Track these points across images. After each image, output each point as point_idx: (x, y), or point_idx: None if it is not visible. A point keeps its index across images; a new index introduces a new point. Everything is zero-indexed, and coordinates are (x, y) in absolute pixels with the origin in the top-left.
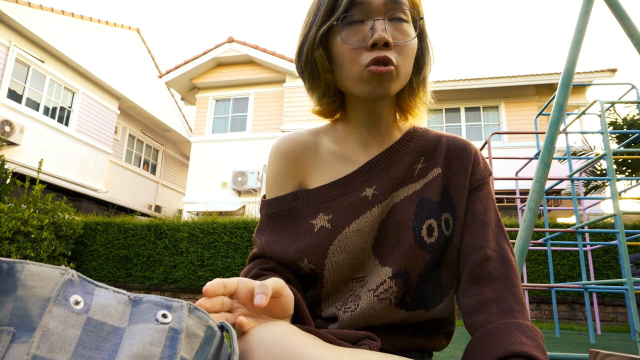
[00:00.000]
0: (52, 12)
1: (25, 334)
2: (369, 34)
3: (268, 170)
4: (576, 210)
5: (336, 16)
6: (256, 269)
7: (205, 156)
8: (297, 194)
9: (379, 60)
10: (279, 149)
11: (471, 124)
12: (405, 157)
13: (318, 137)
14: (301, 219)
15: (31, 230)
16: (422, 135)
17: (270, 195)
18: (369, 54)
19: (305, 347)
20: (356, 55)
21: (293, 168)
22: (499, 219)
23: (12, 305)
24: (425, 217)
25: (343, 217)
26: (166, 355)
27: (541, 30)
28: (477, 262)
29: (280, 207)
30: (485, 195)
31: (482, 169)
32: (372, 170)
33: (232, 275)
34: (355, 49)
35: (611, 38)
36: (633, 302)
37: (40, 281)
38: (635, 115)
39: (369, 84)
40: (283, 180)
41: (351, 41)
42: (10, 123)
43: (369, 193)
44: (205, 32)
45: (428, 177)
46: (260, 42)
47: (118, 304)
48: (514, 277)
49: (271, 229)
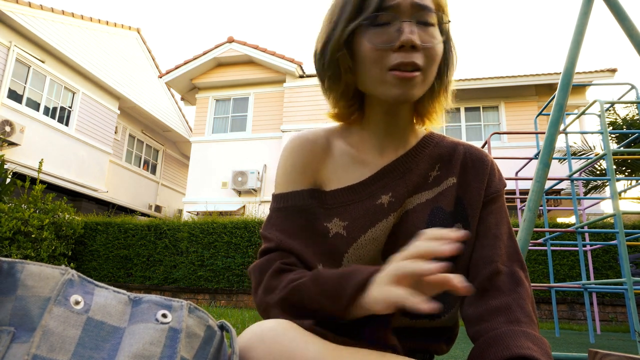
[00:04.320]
0: (52, 13)
1: (25, 334)
2: (396, 35)
3: (281, 165)
4: (576, 210)
5: (365, 16)
6: (278, 263)
7: (205, 156)
8: (313, 192)
9: (405, 65)
10: (295, 145)
11: (471, 124)
12: (421, 164)
13: (332, 138)
14: (315, 220)
15: (31, 230)
16: (439, 142)
17: (283, 190)
18: (395, 56)
19: (305, 344)
20: (381, 57)
21: (309, 165)
22: (511, 232)
23: (13, 305)
24: (437, 226)
25: (359, 225)
26: (166, 355)
27: (541, 30)
28: (487, 275)
29: (294, 202)
30: (499, 208)
31: (497, 182)
32: (388, 177)
33: (232, 275)
34: (381, 50)
35: (611, 38)
36: (633, 302)
37: (40, 281)
38: (635, 115)
39: (393, 87)
40: (297, 175)
41: (377, 42)
42: (10, 123)
43: (385, 200)
44: (205, 32)
45: (442, 185)
46: (260, 42)
47: (118, 303)
48: (523, 292)
49: (282, 222)
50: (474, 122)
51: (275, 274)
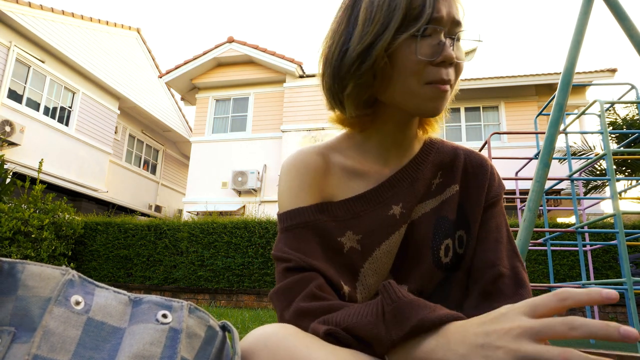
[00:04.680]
0: (52, 13)
1: (26, 334)
2: (438, 49)
3: (284, 184)
4: (576, 210)
5: (417, 26)
6: (311, 287)
7: (205, 156)
8: (322, 206)
9: (445, 81)
10: (296, 163)
11: (471, 124)
12: (426, 172)
13: (328, 154)
14: (328, 236)
15: (31, 230)
16: (440, 148)
17: (289, 208)
18: (434, 70)
19: (309, 349)
20: (420, 69)
21: (314, 180)
22: (510, 235)
23: (13, 305)
24: (444, 237)
25: (373, 238)
26: (166, 355)
27: (541, 30)
28: (490, 279)
29: (303, 218)
30: (499, 211)
31: (496, 186)
32: (398, 186)
33: (232, 275)
34: (421, 63)
35: (611, 38)
36: (633, 302)
37: (41, 281)
38: (635, 115)
39: (428, 101)
40: (303, 192)
41: (421, 54)
42: (10, 123)
43: (397, 211)
44: (205, 32)
45: (445, 193)
46: (260, 42)
47: (118, 304)
48: (525, 294)
49: (295, 241)
50: (474, 122)
51: (307, 298)
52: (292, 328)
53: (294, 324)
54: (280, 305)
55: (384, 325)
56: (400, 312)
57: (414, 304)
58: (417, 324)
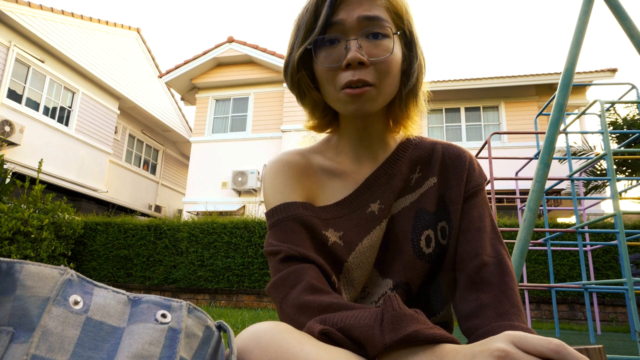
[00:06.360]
0: (52, 12)
1: (24, 334)
2: (344, 53)
3: (269, 184)
4: (576, 210)
5: (310, 39)
6: (308, 279)
7: (205, 156)
8: (306, 204)
9: (355, 83)
10: (280, 165)
11: (471, 124)
12: (403, 168)
13: (310, 156)
14: (313, 229)
15: (31, 230)
16: (417, 144)
17: (275, 204)
18: (344, 75)
19: (301, 346)
20: (333, 76)
21: (297, 180)
22: (493, 224)
23: (12, 305)
24: (423, 228)
25: (354, 234)
26: (165, 355)
27: (541, 30)
28: (474, 268)
29: (290, 212)
30: (481, 201)
31: (477, 176)
32: (374, 186)
33: (232, 275)
34: (332, 70)
35: (611, 38)
36: (633, 302)
37: (39, 281)
38: (635, 115)
39: (347, 105)
40: (288, 190)
41: (326, 62)
42: (10, 123)
43: (375, 208)
44: (205, 32)
45: (424, 186)
46: (260, 42)
47: (117, 304)
48: (510, 281)
49: (284, 235)
50: (474, 122)
51: (306, 291)
52: (285, 325)
53: (294, 317)
54: (278, 297)
55: (380, 329)
56: (398, 321)
57: (414, 317)
58: (412, 334)
